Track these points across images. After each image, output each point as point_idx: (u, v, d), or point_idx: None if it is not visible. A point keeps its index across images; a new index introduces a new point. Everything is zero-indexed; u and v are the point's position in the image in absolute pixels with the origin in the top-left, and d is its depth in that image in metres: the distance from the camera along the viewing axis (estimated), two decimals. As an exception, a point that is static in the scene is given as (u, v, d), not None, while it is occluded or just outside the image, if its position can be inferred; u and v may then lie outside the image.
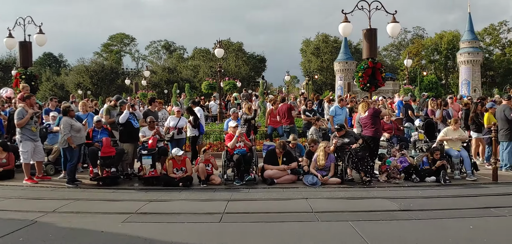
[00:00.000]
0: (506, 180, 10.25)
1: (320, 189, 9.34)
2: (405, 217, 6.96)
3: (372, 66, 13.36)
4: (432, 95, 31.79)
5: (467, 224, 6.50)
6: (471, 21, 71.80)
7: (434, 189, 9.31)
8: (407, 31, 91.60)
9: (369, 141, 10.52)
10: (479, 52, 72.09)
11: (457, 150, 10.68)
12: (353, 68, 64.37)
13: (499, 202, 8.01)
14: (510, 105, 11.63)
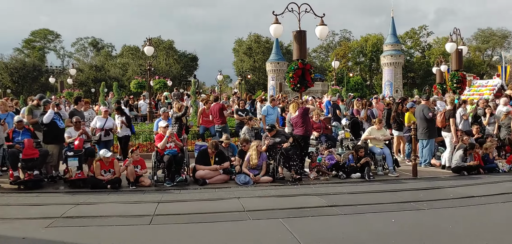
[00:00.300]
0: (425, 175, 10.94)
1: (252, 188, 9.44)
2: (333, 212, 7.22)
3: (302, 67, 13.70)
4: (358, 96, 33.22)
5: (389, 217, 6.87)
6: (394, 25, 75.83)
7: (359, 185, 9.74)
8: (335, 33, 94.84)
9: (300, 140, 10.78)
10: (401, 55, 76.29)
11: (380, 148, 11.26)
12: (284, 68, 65.57)
13: (418, 196, 8.53)
14: (429, 105, 12.44)
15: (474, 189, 9.23)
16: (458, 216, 7.07)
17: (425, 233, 6.04)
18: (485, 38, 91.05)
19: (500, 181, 10.06)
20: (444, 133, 12.22)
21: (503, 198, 8.29)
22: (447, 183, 9.86)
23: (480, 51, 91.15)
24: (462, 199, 8.28)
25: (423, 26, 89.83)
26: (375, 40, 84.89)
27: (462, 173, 10.92)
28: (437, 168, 11.97)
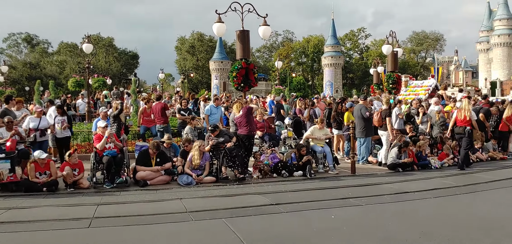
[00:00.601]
0: (363, 172, 11.34)
1: (195, 188, 9.36)
2: (276, 210, 7.32)
3: (245, 66, 13.75)
4: (300, 96, 33.85)
5: (329, 214, 7.06)
6: (334, 27, 78.05)
7: (301, 182, 9.93)
8: (278, 34, 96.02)
9: (244, 139, 10.82)
10: (340, 56, 78.64)
11: (321, 146, 11.55)
12: (228, 67, 65.57)
13: (357, 192, 8.84)
14: (366, 105, 12.90)
15: (408, 184, 9.69)
16: (393, 211, 7.39)
17: (363, 228, 6.27)
18: (419, 40, 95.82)
19: (432, 177, 10.61)
20: (380, 131, 12.73)
21: (435, 193, 8.76)
22: (383, 180, 10.28)
23: (414, 53, 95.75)
24: (397, 194, 8.66)
25: (361, 28, 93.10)
26: (317, 41, 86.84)
27: (397, 169, 11.41)
28: (374, 165, 12.44)
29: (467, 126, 11.89)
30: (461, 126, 11.99)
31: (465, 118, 11.92)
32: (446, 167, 12.15)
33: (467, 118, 11.91)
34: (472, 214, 7.17)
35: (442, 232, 6.02)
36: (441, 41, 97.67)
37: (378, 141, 13.14)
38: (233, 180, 10.02)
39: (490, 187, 9.44)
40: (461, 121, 12.03)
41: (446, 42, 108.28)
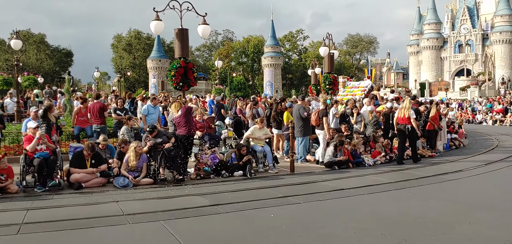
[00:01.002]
0: (301, 170, 11.57)
1: (132, 190, 9.12)
2: (215, 211, 7.29)
3: (184, 65, 13.58)
4: (241, 95, 33.97)
5: (269, 213, 7.14)
6: (273, 28, 79.08)
7: (241, 182, 9.96)
8: (218, 33, 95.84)
9: (183, 140, 10.69)
10: (280, 56, 79.85)
11: (261, 146, 11.65)
12: (166, 66, 64.50)
13: (295, 191, 9.00)
14: (304, 105, 13.19)
15: (344, 182, 10.00)
16: (330, 208, 7.62)
17: (301, 225, 6.40)
18: (354, 43, 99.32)
19: (366, 174, 11.01)
20: (318, 130, 13.05)
21: (369, 190, 9.11)
22: (320, 178, 10.55)
23: (349, 55, 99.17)
24: (334, 191, 8.93)
25: (299, 30, 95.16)
26: (257, 41, 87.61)
27: (333, 167, 11.76)
28: (312, 163, 12.75)
29: (408, 124, 12.72)
30: (402, 123, 12.80)
31: (404, 117, 12.74)
32: (378, 164, 12.66)
33: (406, 116, 12.71)
34: (403, 209, 7.51)
35: (375, 228, 6.27)
36: (374, 44, 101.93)
37: (316, 140, 13.46)
38: (171, 181, 9.86)
39: (419, 183, 9.94)
40: (402, 119, 12.85)
41: (379, 45, 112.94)
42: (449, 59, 75.92)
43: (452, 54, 75.66)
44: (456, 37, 75.12)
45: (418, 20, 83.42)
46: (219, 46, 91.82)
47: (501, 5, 69.14)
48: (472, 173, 11.38)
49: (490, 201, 8.10)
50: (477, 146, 17.88)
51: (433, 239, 5.75)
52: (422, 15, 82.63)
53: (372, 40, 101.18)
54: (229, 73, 71.75)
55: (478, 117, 35.83)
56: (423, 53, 78.75)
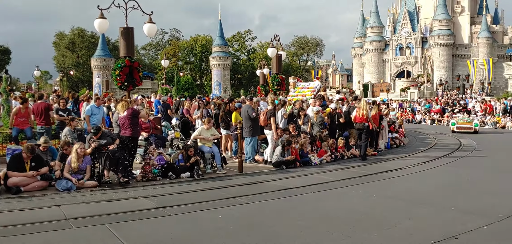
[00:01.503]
0: (250, 171, 11.62)
1: (75, 194, 8.79)
2: (162, 214, 7.18)
3: (129, 65, 13.28)
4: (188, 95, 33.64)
5: (216, 214, 7.13)
6: (221, 28, 79.02)
7: (188, 184, 9.87)
8: (164, 32, 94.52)
9: (127, 141, 10.44)
10: (228, 56, 79.90)
11: (209, 147, 11.59)
12: (111, 65, 62.79)
13: (244, 191, 9.05)
14: (252, 105, 13.26)
15: (291, 181, 10.15)
16: (278, 207, 7.71)
17: (249, 225, 6.44)
18: (301, 44, 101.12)
19: (312, 173, 11.24)
20: (266, 130, 13.17)
21: (315, 188, 9.31)
22: (269, 177, 10.65)
23: (297, 56, 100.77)
24: (281, 191, 9.04)
25: (248, 30, 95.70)
26: (204, 41, 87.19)
27: (281, 167, 11.91)
28: (260, 164, 12.84)
29: (366, 122, 13.74)
30: (361, 122, 13.79)
31: (363, 116, 13.75)
32: (324, 163, 12.96)
33: (365, 116, 13.72)
34: (348, 206, 7.73)
35: (321, 225, 6.42)
36: (320, 46, 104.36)
37: (265, 140, 13.57)
38: (116, 184, 9.61)
39: (363, 181, 10.27)
40: (360, 118, 13.80)
41: (325, 47, 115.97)
42: (390, 61, 78.87)
43: (393, 57, 78.64)
44: (397, 40, 78.16)
45: (362, 23, 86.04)
46: (166, 45, 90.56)
47: (439, 9, 72.67)
48: (412, 170, 11.90)
49: (428, 197, 8.50)
50: (416, 144, 18.71)
51: (376, 236, 5.96)
52: (365, 18, 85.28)
53: (318, 42, 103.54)
54: (176, 72, 70.87)
55: (417, 117, 37.48)
56: (366, 56, 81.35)
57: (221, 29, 78.89)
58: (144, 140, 12.23)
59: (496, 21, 76.35)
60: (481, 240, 5.78)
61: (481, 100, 37.06)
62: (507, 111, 30.18)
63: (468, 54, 71.84)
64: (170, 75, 65.94)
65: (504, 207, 7.40)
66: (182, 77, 69.77)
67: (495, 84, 66.44)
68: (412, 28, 76.65)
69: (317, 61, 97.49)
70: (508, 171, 11.51)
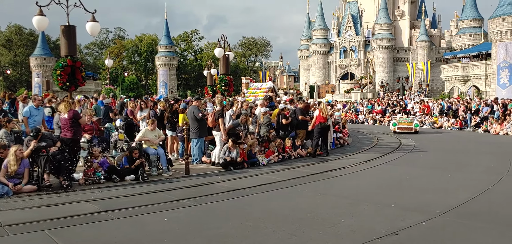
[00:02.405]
0: (197, 172, 11.52)
1: (12, 199, 8.35)
2: (106, 218, 6.98)
3: (71, 64, 12.81)
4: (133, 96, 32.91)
5: (162, 217, 7.02)
6: (167, 27, 77.87)
7: (133, 187, 9.64)
8: (108, 31, 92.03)
9: (69, 143, 10.06)
10: (175, 56, 78.90)
11: (154, 148, 11.38)
12: (52, 65, 60.21)
13: (190, 193, 8.96)
14: (199, 106, 13.14)
15: (239, 182, 10.17)
16: (225, 208, 7.70)
17: (196, 227, 6.39)
18: (249, 45, 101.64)
19: (260, 174, 11.32)
20: (214, 131, 13.11)
21: (263, 189, 9.39)
22: (216, 179, 10.61)
23: (245, 57, 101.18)
24: (229, 192, 9.04)
25: (195, 30, 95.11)
26: (150, 40, 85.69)
27: (229, 168, 11.91)
28: (207, 165, 12.76)
29: (327, 122, 15.17)
30: (323, 122, 14.88)
31: (326, 116, 15.08)
32: (272, 164, 13.10)
33: (326, 116, 15.10)
34: (294, 205, 7.85)
35: (268, 225, 6.49)
36: (268, 47, 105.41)
37: (212, 141, 13.51)
38: (57, 188, 9.23)
39: (309, 180, 10.47)
40: (323, 118, 14.85)
41: (272, 48, 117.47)
42: (335, 63, 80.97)
43: (338, 59, 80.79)
44: (342, 43, 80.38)
45: (308, 26, 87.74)
46: (110, 45, 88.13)
47: (381, 14, 75.45)
48: (355, 169, 12.28)
49: (370, 195, 8.80)
50: (359, 144, 19.30)
51: (321, 233, 6.10)
52: (311, 21, 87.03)
53: (266, 44, 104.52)
54: (121, 72, 69.15)
55: (360, 117, 38.67)
56: (312, 58, 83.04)
57: (167, 28, 77.74)
58: (86, 141, 11.83)
59: (434, 26, 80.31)
60: (420, 236, 6.06)
61: (419, 101, 38.81)
62: (444, 112, 31.79)
63: (407, 57, 75.11)
64: (114, 75, 64.26)
65: (441, 204, 7.79)
66: (127, 77, 68.18)
67: (433, 86, 69.84)
68: (355, 32, 79.07)
69: (264, 62, 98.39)
70: (443, 169, 12.13)
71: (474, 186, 9.42)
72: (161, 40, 79.02)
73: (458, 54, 57.48)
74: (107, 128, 14.51)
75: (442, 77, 57.22)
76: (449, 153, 15.81)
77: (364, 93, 62.73)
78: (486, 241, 5.78)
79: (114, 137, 12.77)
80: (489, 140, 20.68)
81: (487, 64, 48.48)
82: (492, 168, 12.16)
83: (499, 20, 44.91)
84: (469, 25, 65.95)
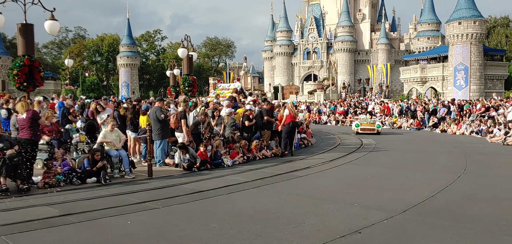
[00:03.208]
0: (160, 174, 11.38)
1: (-35, 204, 8.01)
2: (66, 222, 6.79)
3: (29, 64, 12.41)
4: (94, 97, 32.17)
5: (126, 220, 6.89)
6: (129, 26, 76.57)
7: (95, 189, 9.42)
8: (68, 30, 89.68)
9: (26, 145, 9.71)
10: (137, 56, 77.72)
11: (116, 150, 11.17)
12: (8, 64, 58.02)
13: (154, 195, 8.83)
14: (161, 107, 12.98)
15: (203, 183, 10.12)
16: (189, 210, 7.63)
17: (160, 230, 6.31)
18: (212, 46, 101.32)
19: (225, 175, 11.30)
20: (177, 133, 12.99)
21: (227, 190, 9.37)
22: (179, 181, 10.51)
23: (208, 58, 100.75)
24: (193, 194, 8.97)
25: (157, 30, 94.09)
26: (112, 40, 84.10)
27: (193, 169, 11.82)
28: (171, 167, 12.60)
29: (295, 121, 15.80)
30: (294, 121, 15.47)
31: (296, 115, 16.15)
32: (237, 165, 13.09)
33: (295, 116, 15.99)
34: (259, 206, 7.88)
35: (233, 226, 6.48)
36: (232, 48, 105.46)
37: (176, 143, 13.36)
38: (15, 191, 8.91)
39: (274, 181, 10.53)
40: (293, 117, 15.46)
41: (236, 49, 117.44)
42: (299, 65, 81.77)
43: (301, 61, 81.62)
44: (305, 44, 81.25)
45: (272, 27, 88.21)
46: (70, 44, 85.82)
47: (343, 16, 76.77)
48: (319, 169, 12.44)
49: (334, 194, 8.95)
50: (323, 144, 19.58)
51: (286, 233, 6.15)
52: (275, 23, 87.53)
53: (230, 44, 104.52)
54: (81, 73, 67.43)
55: (323, 118, 39.21)
56: (276, 59, 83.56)
57: (129, 28, 76.41)
58: (45, 143, 11.45)
59: (394, 29, 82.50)
60: (382, 233, 6.20)
61: (379, 102, 39.75)
62: (403, 113, 32.69)
63: (368, 59, 76.77)
64: (74, 75, 62.64)
65: (401, 202, 8.01)
66: (88, 77, 66.51)
67: (392, 87, 71.71)
68: (318, 34, 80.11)
69: (229, 63, 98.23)
70: (403, 168, 12.48)
71: (433, 185, 9.72)
72: (123, 40, 77.60)
73: (417, 56, 59.23)
74: (67, 129, 14.10)
75: (401, 79, 58.84)
76: (409, 153, 16.28)
77: (327, 95, 63.69)
78: (445, 238, 5.98)
79: (75, 139, 12.43)
80: (446, 140, 21.42)
81: (444, 67, 50.21)
82: (450, 166, 12.60)
83: (455, 24, 46.64)
84: (427, 28, 68.18)
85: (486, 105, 25.89)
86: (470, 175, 11.05)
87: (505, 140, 18.64)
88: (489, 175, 11.21)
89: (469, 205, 7.91)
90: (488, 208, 7.65)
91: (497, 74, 49.42)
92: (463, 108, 27.69)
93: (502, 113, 22.95)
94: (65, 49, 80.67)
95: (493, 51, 53.16)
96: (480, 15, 46.76)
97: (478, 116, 24.89)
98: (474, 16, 46.09)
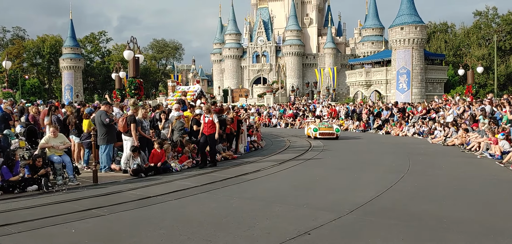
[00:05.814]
0: (106, 180, 11.02)
1: None
2: (5, 232, 6.41)
3: (-39, 66, 11.66)
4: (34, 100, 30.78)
5: (70, 228, 6.61)
6: (73, 28, 73.95)
7: (36, 198, 8.97)
8: (6, 30, 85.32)
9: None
10: (81, 58, 75.14)
11: (59, 156, 10.69)
12: None
13: (99, 202, 8.52)
14: (106, 111, 12.56)
15: (151, 189, 9.89)
16: (137, 217, 7.43)
17: (106, 239, 6.10)
18: (160, 48, 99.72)
19: (173, 180, 11.10)
20: (125, 136, 12.60)
21: (176, 195, 9.21)
22: (126, 187, 10.21)
23: (155, 60, 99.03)
24: (141, 200, 8.75)
25: (102, 31, 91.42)
26: (54, 41, 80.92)
27: (140, 175, 11.53)
28: (117, 172, 12.24)
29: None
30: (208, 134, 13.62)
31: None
32: (185, 169, 12.91)
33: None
34: (209, 211, 7.79)
35: (182, 232, 6.37)
36: (180, 50, 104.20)
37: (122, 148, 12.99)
38: None
39: (224, 185, 10.46)
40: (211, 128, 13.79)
41: (185, 51, 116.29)
42: (248, 68, 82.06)
43: (250, 64, 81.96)
44: (254, 48, 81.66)
45: (220, 30, 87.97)
46: (8, 45, 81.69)
47: (291, 21, 77.86)
48: (269, 171, 12.51)
49: (283, 196, 9.02)
50: (273, 147, 19.74)
51: (236, 237, 6.11)
52: (223, 25, 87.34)
53: (178, 47, 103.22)
54: (21, 75, 64.32)
55: (273, 121, 39.61)
56: (225, 62, 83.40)
57: (72, 29, 73.69)
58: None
59: (340, 34, 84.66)
60: (330, 234, 6.31)
61: (327, 105, 40.64)
62: (349, 115, 33.60)
63: (316, 63, 78.32)
64: (13, 78, 59.66)
65: (349, 202, 8.19)
66: (28, 80, 63.57)
67: (339, 90, 73.51)
68: (267, 37, 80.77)
69: (176, 65, 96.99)
70: (350, 169, 12.80)
71: (378, 184, 10.02)
72: (66, 41, 74.71)
73: (362, 61, 61.00)
74: (5, 134, 13.36)
75: (347, 83, 60.37)
76: (355, 154, 16.72)
77: (276, 98, 64.30)
78: (390, 236, 6.17)
79: (14, 145, 11.79)
80: (390, 141, 22.21)
81: (388, 70, 52.03)
82: (394, 167, 13.06)
83: (398, 29, 48.49)
84: (371, 33, 70.46)
85: (427, 108, 27.12)
86: (413, 175, 11.49)
87: (445, 140, 19.59)
88: (431, 174, 11.71)
89: (412, 204, 8.22)
90: (430, 206, 7.98)
91: (437, 78, 51.75)
92: (405, 111, 28.83)
93: (442, 115, 24.12)
94: (3, 50, 76.64)
95: (434, 55, 55.64)
96: (421, 21, 48.83)
97: (419, 118, 26.01)
98: (415, 21, 48.07)
